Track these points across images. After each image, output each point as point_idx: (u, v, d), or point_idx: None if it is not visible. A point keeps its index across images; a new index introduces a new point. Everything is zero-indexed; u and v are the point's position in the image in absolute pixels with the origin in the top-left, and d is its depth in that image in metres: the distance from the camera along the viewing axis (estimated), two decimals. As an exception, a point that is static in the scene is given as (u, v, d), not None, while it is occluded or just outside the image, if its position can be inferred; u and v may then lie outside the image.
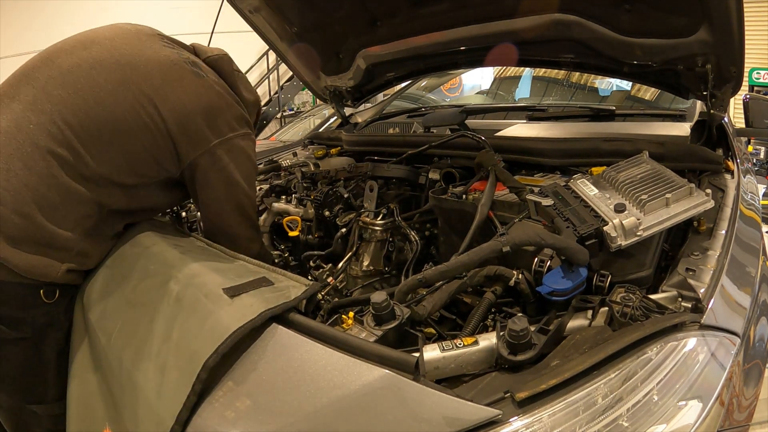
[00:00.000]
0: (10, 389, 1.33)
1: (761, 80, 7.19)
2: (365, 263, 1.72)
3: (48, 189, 1.22)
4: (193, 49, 1.50)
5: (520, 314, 1.01)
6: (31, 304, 1.25)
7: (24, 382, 1.31)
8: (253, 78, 9.78)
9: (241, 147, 1.43)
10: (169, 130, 1.33)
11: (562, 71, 2.92)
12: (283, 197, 2.02)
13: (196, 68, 1.41)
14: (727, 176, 1.52)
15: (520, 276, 1.19)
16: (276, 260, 1.70)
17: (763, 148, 5.88)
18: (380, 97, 3.51)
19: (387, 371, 0.84)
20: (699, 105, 2.09)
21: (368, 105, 3.16)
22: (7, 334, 1.24)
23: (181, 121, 1.34)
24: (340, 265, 1.72)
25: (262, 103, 9.88)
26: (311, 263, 1.76)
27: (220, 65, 1.48)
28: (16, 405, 1.35)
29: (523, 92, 3.20)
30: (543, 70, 3.06)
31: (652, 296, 1.01)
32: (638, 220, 1.12)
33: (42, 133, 1.23)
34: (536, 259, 1.17)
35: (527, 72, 3.20)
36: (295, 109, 10.54)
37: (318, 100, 3.12)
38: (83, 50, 1.33)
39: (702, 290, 1.01)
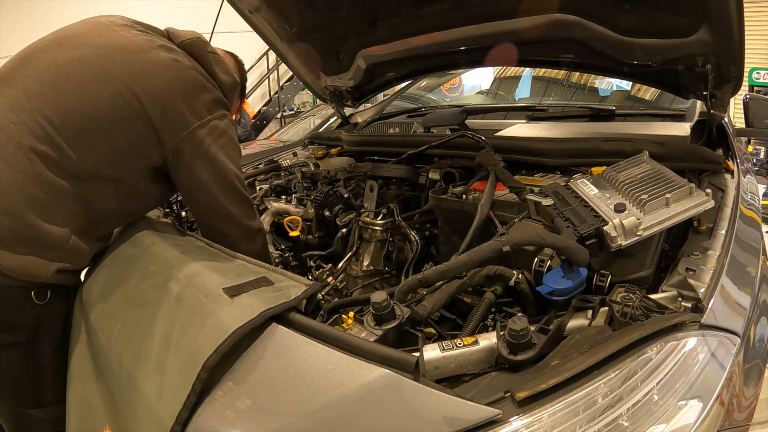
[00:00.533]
0: (8, 395, 1.31)
1: (761, 80, 7.20)
2: (365, 263, 1.72)
3: (35, 187, 1.21)
4: (167, 34, 1.49)
5: (520, 314, 1.01)
6: (22, 306, 1.23)
7: (21, 387, 1.30)
8: (253, 78, 9.78)
9: (221, 128, 1.43)
10: (150, 116, 1.32)
11: (562, 71, 2.92)
12: (283, 197, 2.02)
13: (171, 53, 1.40)
14: (727, 176, 1.52)
15: (520, 276, 1.19)
16: (276, 260, 1.70)
17: (763, 148, 5.88)
18: (380, 97, 3.51)
19: (387, 371, 0.84)
20: (699, 105, 2.08)
21: (368, 105, 3.16)
22: (1, 339, 1.23)
23: (161, 106, 1.33)
24: (340, 265, 1.72)
25: (262, 103, 9.89)
26: (311, 263, 1.76)
27: (194, 48, 1.47)
28: (15, 411, 1.34)
29: (523, 92, 3.19)
30: (543, 70, 3.06)
31: (652, 296, 1.01)
32: (638, 219, 1.12)
33: (23, 131, 1.21)
34: (536, 259, 1.17)
35: (527, 72, 3.20)
36: (295, 109, 10.55)
37: (318, 100, 3.12)
38: (58, 47, 1.33)
39: (702, 290, 1.01)
